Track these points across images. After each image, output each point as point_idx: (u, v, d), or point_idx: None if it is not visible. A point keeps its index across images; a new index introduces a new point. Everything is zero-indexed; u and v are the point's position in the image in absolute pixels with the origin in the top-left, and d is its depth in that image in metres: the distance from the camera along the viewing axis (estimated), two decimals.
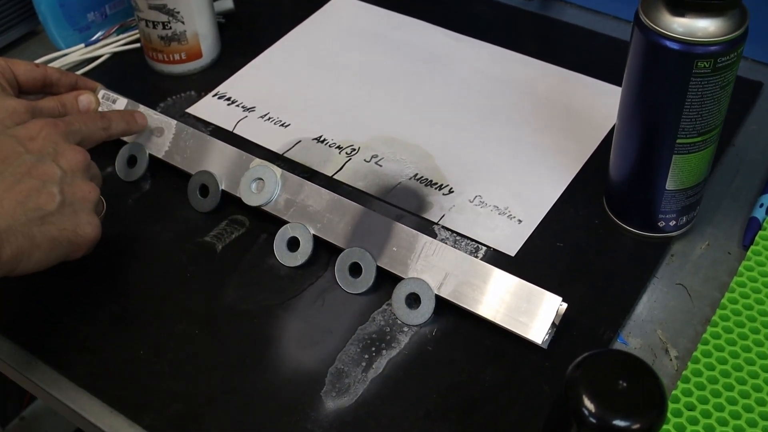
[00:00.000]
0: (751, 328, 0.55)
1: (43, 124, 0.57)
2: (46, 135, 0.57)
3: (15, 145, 0.55)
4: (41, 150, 0.56)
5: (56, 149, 0.56)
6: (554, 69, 0.78)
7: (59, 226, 0.54)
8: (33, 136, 0.56)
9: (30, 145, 0.56)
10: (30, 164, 0.54)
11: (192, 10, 0.75)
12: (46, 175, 0.54)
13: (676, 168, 0.57)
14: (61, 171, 0.55)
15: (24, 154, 0.55)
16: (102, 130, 0.63)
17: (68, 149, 0.57)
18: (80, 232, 0.55)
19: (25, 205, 0.52)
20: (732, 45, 0.51)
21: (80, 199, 0.56)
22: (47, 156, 0.56)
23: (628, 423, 0.39)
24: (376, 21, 0.85)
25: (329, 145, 0.71)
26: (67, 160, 0.56)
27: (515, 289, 0.56)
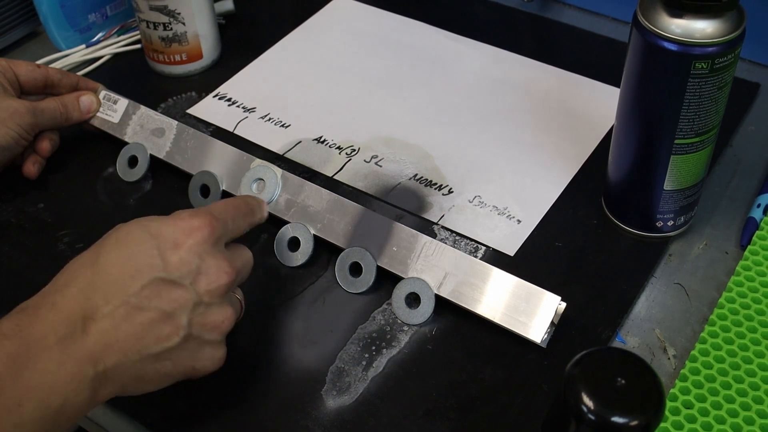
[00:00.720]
0: (748, 327, 0.56)
1: (195, 226, 0.47)
2: (194, 244, 0.47)
3: (152, 252, 0.46)
4: (181, 266, 0.46)
5: (199, 266, 0.47)
6: (553, 70, 0.79)
7: (177, 362, 0.47)
8: (178, 241, 0.46)
9: (170, 256, 0.46)
10: (161, 286, 0.45)
11: (193, 11, 0.75)
12: (176, 302, 0.46)
13: (674, 168, 0.57)
14: (197, 297, 0.46)
15: (159, 270, 0.45)
16: (248, 226, 0.54)
17: (213, 267, 0.47)
18: (199, 367, 0.48)
19: (143, 340, 0.45)
20: (729, 46, 0.51)
21: (209, 330, 0.48)
22: (186, 276, 0.46)
23: (626, 420, 0.39)
24: (375, 22, 0.86)
25: (329, 146, 0.71)
26: (208, 282, 0.47)
27: (514, 288, 0.56)
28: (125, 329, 0.44)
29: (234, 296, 0.51)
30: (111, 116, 0.71)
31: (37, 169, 0.68)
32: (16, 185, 0.68)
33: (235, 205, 0.52)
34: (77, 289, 0.44)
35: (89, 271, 0.45)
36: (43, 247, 0.64)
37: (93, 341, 0.43)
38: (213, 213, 0.49)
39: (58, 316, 0.43)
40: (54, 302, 0.44)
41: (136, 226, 0.47)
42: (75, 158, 0.71)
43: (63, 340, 0.43)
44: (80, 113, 0.70)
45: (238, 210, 0.52)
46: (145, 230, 0.46)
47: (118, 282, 0.44)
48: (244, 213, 0.53)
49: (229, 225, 0.50)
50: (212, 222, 0.48)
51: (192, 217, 0.47)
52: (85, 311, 0.44)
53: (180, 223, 0.47)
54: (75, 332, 0.43)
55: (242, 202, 0.54)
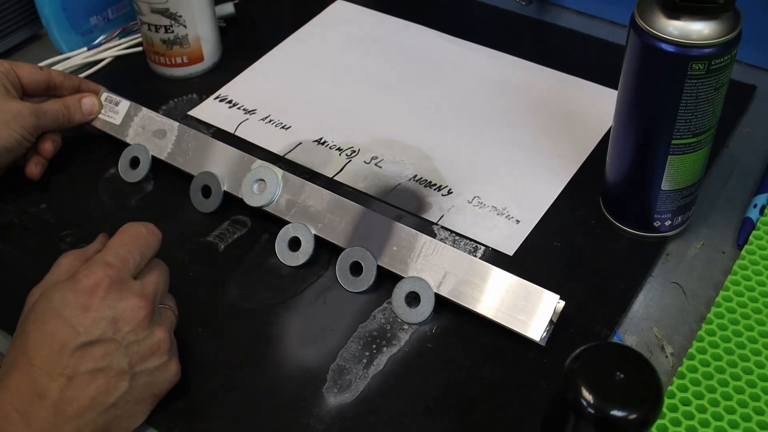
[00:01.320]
0: (745, 326, 0.56)
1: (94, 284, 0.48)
2: (99, 300, 0.48)
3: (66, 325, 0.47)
4: (96, 325, 0.47)
5: (114, 315, 0.48)
6: (551, 72, 0.79)
7: (137, 398, 0.49)
8: (85, 304, 0.47)
9: (83, 320, 0.47)
10: (86, 350, 0.47)
11: (194, 14, 0.76)
12: (107, 356, 0.48)
13: (672, 168, 0.58)
14: (125, 341, 0.48)
15: (79, 336, 0.47)
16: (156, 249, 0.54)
17: (127, 309, 0.49)
18: (158, 391, 0.51)
19: (95, 399, 0.47)
20: (726, 47, 0.52)
21: (150, 356, 0.49)
22: (106, 330, 0.48)
23: (625, 413, 0.40)
24: (375, 25, 0.86)
25: (330, 147, 0.72)
26: (127, 324, 0.48)
27: (514, 287, 0.56)
28: (74, 396, 0.47)
29: (162, 310, 0.52)
30: (113, 118, 0.71)
31: (40, 170, 0.69)
32: (18, 186, 0.69)
33: (134, 235, 0.52)
34: (23, 373, 0.47)
35: (24, 358, 0.47)
36: (45, 248, 0.64)
37: (52, 413, 0.46)
38: (108, 260, 0.49)
39: (15, 396, 0.46)
40: (7, 385, 0.47)
41: (44, 302, 0.48)
42: (77, 159, 0.72)
43: (26, 416, 0.46)
44: (82, 115, 0.71)
45: (138, 239, 0.52)
46: (52, 305, 0.48)
47: (50, 360, 0.47)
48: (145, 239, 0.52)
49: (131, 260, 0.50)
50: (108, 271, 0.49)
51: (88, 276, 0.48)
52: (37, 389, 0.46)
53: (79, 286, 0.48)
54: (34, 407, 0.46)
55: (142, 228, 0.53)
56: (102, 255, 0.50)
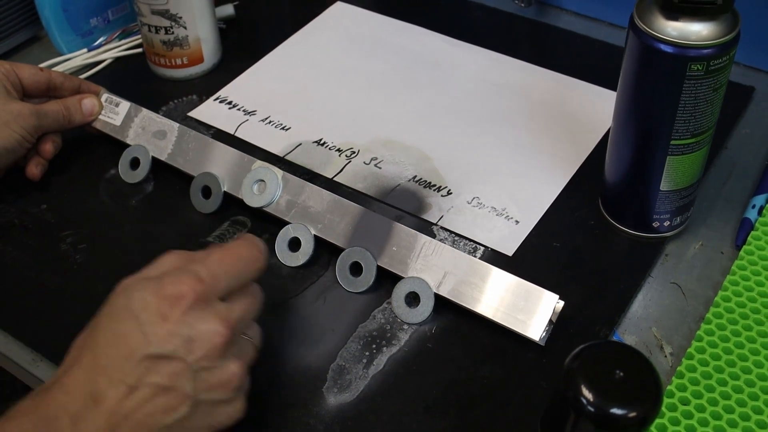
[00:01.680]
0: (743, 325, 0.57)
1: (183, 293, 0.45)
2: (181, 314, 0.45)
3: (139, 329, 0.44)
4: (171, 340, 0.44)
5: (190, 334, 0.45)
6: (550, 74, 0.80)
7: (192, 427, 0.46)
8: (165, 313, 0.44)
9: (159, 330, 0.44)
10: (154, 362, 0.44)
11: (194, 15, 0.76)
12: (174, 375, 0.44)
13: (670, 169, 0.58)
14: (195, 364, 0.45)
15: (150, 346, 0.44)
16: (256, 274, 0.50)
17: (204, 331, 0.45)
18: (216, 423, 0.47)
19: (152, 416, 0.44)
20: (724, 48, 0.52)
21: (219, 392, 0.46)
22: (179, 347, 0.44)
23: (624, 411, 0.40)
24: (374, 27, 0.87)
25: (329, 148, 0.72)
26: (201, 347, 0.45)
27: (513, 287, 0.57)
28: (131, 407, 0.43)
29: (242, 341, 0.49)
30: (113, 119, 0.72)
31: (40, 171, 0.69)
32: (19, 186, 0.69)
33: (237, 254, 0.49)
34: (83, 371, 0.44)
35: (90, 354, 0.45)
36: (46, 248, 0.64)
37: (104, 420, 0.43)
38: (200, 274, 0.46)
39: (68, 396, 0.44)
40: (63, 384, 0.44)
41: (122, 298, 0.46)
42: (77, 160, 0.72)
43: (76, 420, 0.43)
44: (83, 116, 0.71)
45: (239, 260, 0.49)
46: (129, 304, 0.45)
47: (115, 364, 0.44)
48: (246, 262, 0.49)
49: (222, 281, 0.47)
50: (196, 286, 0.45)
51: (176, 284, 0.45)
52: (92, 392, 0.44)
53: (163, 292, 0.45)
54: (87, 411, 0.43)
55: (246, 249, 0.50)
56: (196, 267, 0.47)
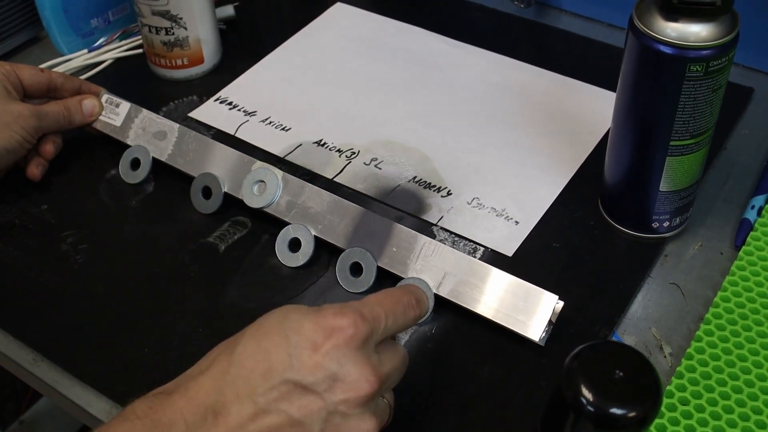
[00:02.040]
0: (743, 326, 0.57)
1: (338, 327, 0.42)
2: (333, 347, 0.42)
3: (287, 352, 0.42)
4: (316, 372, 0.41)
5: (336, 373, 0.41)
6: (550, 75, 0.80)
7: None
8: (317, 343, 0.42)
9: (306, 359, 0.41)
10: (291, 389, 0.41)
11: (194, 16, 0.76)
12: (307, 409, 0.41)
13: (670, 170, 0.58)
14: (332, 406, 0.41)
15: (292, 371, 0.41)
16: (412, 322, 0.48)
17: (353, 374, 0.42)
18: None
19: None
20: (723, 49, 0.52)
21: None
22: (321, 382, 0.41)
23: (624, 411, 0.40)
24: (374, 28, 0.87)
25: (329, 149, 0.72)
26: (344, 391, 0.42)
27: (513, 287, 0.57)
28: (251, 430, 0.41)
29: (382, 402, 0.45)
30: (113, 119, 0.72)
31: (41, 172, 0.69)
32: (19, 187, 0.69)
33: (396, 298, 0.46)
34: (211, 380, 0.42)
35: (225, 361, 0.43)
36: (46, 248, 0.64)
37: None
38: (362, 311, 0.43)
39: (189, 404, 0.42)
40: (188, 388, 0.42)
41: (277, 316, 0.44)
42: (78, 160, 0.72)
43: (192, 430, 0.41)
44: (83, 116, 0.71)
45: (398, 304, 0.46)
46: (283, 324, 0.43)
47: (250, 379, 0.41)
48: (405, 307, 0.46)
49: (382, 323, 0.44)
50: (357, 323, 0.42)
51: (336, 315, 0.42)
52: (215, 404, 0.41)
53: (322, 320, 0.42)
54: (205, 424, 0.41)
55: (405, 294, 0.47)
56: (358, 304, 0.44)
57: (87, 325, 0.59)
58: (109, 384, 0.55)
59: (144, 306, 0.60)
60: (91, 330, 0.59)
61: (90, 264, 0.63)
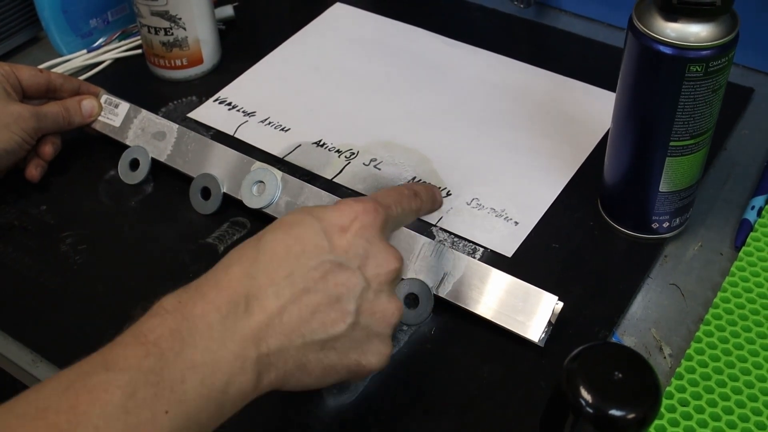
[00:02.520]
0: (742, 327, 0.57)
1: (360, 210, 0.46)
2: (360, 228, 0.45)
3: (319, 235, 0.44)
4: (348, 250, 0.44)
5: (367, 250, 0.45)
6: (549, 75, 0.80)
7: (342, 353, 0.44)
8: (345, 225, 0.45)
9: (337, 240, 0.44)
10: (328, 268, 0.43)
11: (193, 16, 0.76)
12: (344, 286, 0.44)
13: (670, 170, 0.58)
14: (365, 283, 0.45)
15: (326, 252, 0.44)
16: (415, 213, 0.52)
17: (381, 251, 0.46)
18: (364, 362, 0.45)
19: (308, 324, 0.43)
20: (723, 50, 0.52)
21: (378, 320, 0.45)
22: (354, 259, 0.44)
23: (623, 412, 0.40)
24: (374, 28, 0.87)
25: (329, 149, 0.72)
26: (376, 267, 0.45)
27: (512, 288, 0.57)
28: (290, 310, 0.42)
29: None
30: (112, 120, 0.72)
31: (40, 173, 0.69)
32: (18, 187, 0.69)
33: (399, 191, 0.51)
34: (241, 269, 0.43)
35: (253, 252, 0.43)
36: (45, 249, 0.64)
37: (256, 321, 0.41)
38: (377, 199, 0.48)
39: (221, 294, 0.42)
40: (217, 280, 0.43)
41: (300, 211, 0.46)
42: (77, 161, 0.72)
43: (225, 319, 0.41)
44: (82, 117, 0.71)
45: (402, 196, 0.51)
46: (310, 214, 0.45)
47: (284, 262, 0.42)
48: (408, 199, 0.51)
49: (394, 211, 0.49)
50: (377, 207, 0.46)
51: (356, 202, 0.46)
52: (249, 290, 0.42)
53: (344, 207, 0.46)
54: (238, 311, 0.41)
55: (405, 188, 0.52)
56: (374, 195, 0.49)
57: (86, 325, 0.59)
58: None
59: (143, 307, 0.60)
60: (91, 331, 0.58)
61: (89, 265, 0.63)
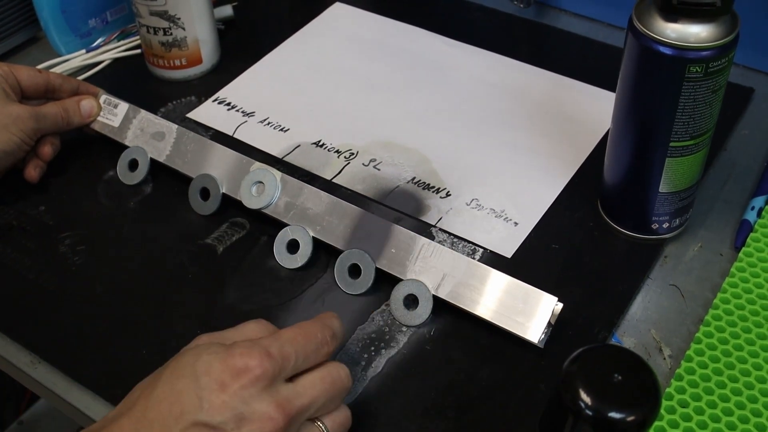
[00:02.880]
0: (742, 328, 0.57)
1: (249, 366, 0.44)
2: (240, 387, 0.43)
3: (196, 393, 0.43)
4: (223, 411, 0.43)
5: (243, 412, 0.43)
6: (549, 75, 0.80)
7: None
8: (225, 382, 0.43)
9: (215, 398, 0.43)
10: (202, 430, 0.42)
11: (192, 16, 0.76)
12: None
13: (670, 171, 0.58)
14: None
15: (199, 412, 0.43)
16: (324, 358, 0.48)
17: (257, 413, 0.43)
18: None
19: None
20: (723, 50, 0.52)
21: None
22: (229, 421, 0.43)
23: (623, 415, 0.40)
24: (373, 28, 0.87)
25: (328, 150, 0.72)
26: (252, 428, 0.43)
27: (512, 289, 0.56)
28: None
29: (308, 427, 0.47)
30: (111, 120, 0.72)
31: (39, 174, 0.69)
32: (17, 188, 0.69)
33: (310, 335, 0.47)
34: (130, 422, 0.44)
35: (143, 403, 0.44)
36: (44, 249, 0.64)
37: None
38: (270, 350, 0.45)
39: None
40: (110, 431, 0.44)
41: (190, 357, 0.45)
42: (76, 161, 0.72)
43: None
44: (81, 117, 0.71)
45: (311, 342, 0.47)
46: (195, 366, 0.44)
47: (164, 421, 0.43)
48: (318, 344, 0.47)
49: (291, 361, 0.46)
50: (264, 362, 0.44)
51: (244, 356, 0.44)
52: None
53: (230, 360, 0.44)
54: None
55: (320, 330, 0.48)
56: (268, 342, 0.46)
57: (85, 326, 0.59)
58: (106, 386, 0.55)
59: (142, 308, 0.60)
60: (89, 332, 0.58)
61: (88, 265, 0.63)
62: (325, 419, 0.48)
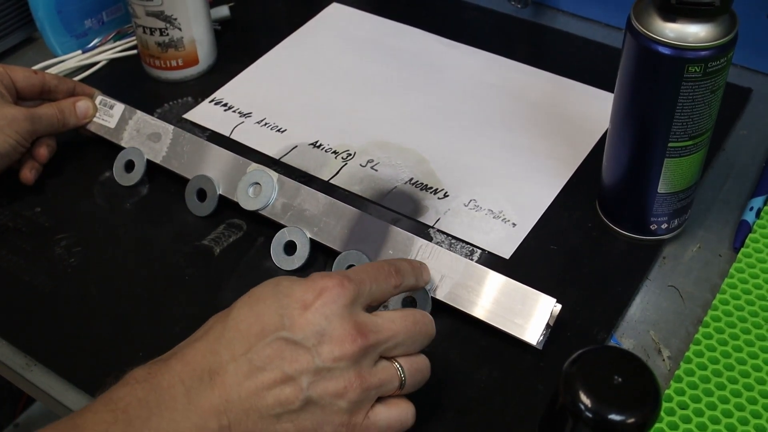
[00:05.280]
0: (742, 329, 0.56)
1: (326, 286, 0.46)
2: (322, 305, 0.45)
3: (279, 311, 0.45)
4: (305, 328, 0.44)
5: (325, 328, 0.45)
6: (547, 75, 0.79)
7: (299, 425, 0.44)
8: (307, 302, 0.45)
9: (297, 317, 0.45)
10: (283, 346, 0.44)
11: (189, 16, 0.76)
12: (298, 364, 0.44)
13: (668, 171, 0.58)
14: (319, 361, 0.44)
15: (284, 330, 0.44)
16: (393, 289, 0.51)
17: (339, 331, 0.45)
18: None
19: (263, 400, 0.43)
20: (722, 50, 0.52)
21: (332, 396, 0.45)
22: (310, 337, 0.44)
23: (623, 417, 0.39)
24: (371, 28, 0.86)
25: (325, 150, 0.72)
26: (331, 346, 0.44)
27: (510, 290, 0.56)
28: (247, 386, 0.43)
29: (385, 366, 0.47)
30: (107, 121, 0.71)
31: (34, 175, 0.68)
32: (13, 189, 0.69)
33: (377, 267, 0.50)
34: (207, 343, 0.45)
35: (220, 326, 0.45)
36: (40, 251, 0.64)
37: (217, 395, 0.43)
38: (348, 275, 0.47)
39: (187, 367, 0.44)
40: (184, 354, 0.45)
41: (269, 285, 0.47)
42: (72, 163, 0.72)
43: (190, 391, 0.43)
44: (77, 119, 0.70)
45: (380, 271, 0.50)
46: (276, 289, 0.46)
47: (245, 339, 0.44)
48: (386, 274, 0.50)
49: (367, 286, 0.48)
50: (343, 283, 0.46)
51: (324, 278, 0.46)
52: (212, 365, 0.44)
53: (311, 283, 0.46)
54: (202, 384, 0.44)
55: (387, 264, 0.51)
56: (351, 270, 0.49)
57: (81, 329, 0.58)
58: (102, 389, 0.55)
59: (138, 309, 0.60)
60: (85, 334, 0.58)
61: (84, 267, 0.63)
62: (402, 361, 0.48)
